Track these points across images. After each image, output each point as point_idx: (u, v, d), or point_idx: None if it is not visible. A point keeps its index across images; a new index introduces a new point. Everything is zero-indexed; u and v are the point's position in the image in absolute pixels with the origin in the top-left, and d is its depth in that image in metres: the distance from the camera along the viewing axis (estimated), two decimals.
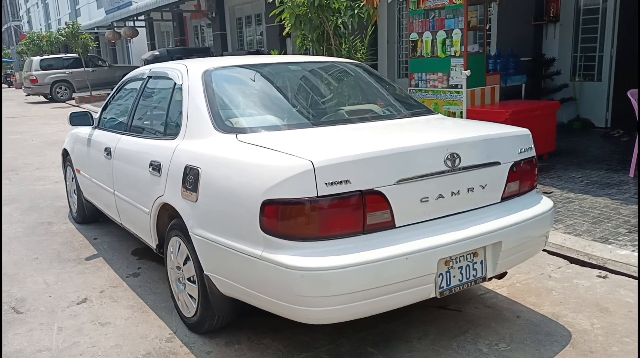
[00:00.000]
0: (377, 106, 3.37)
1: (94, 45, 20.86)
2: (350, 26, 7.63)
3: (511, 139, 2.86)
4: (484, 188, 2.69)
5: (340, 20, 7.51)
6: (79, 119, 4.49)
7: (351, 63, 3.88)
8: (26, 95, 23.57)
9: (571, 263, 4.04)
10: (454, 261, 2.57)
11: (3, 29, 68.49)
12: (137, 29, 22.40)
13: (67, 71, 21.54)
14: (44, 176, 7.78)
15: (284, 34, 8.21)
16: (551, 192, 5.55)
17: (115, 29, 23.63)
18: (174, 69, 3.48)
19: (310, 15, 7.38)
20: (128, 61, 29.38)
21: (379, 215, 2.38)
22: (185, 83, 3.23)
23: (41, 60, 21.85)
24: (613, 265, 3.88)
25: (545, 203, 3.01)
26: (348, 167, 2.31)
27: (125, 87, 4.26)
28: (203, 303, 2.90)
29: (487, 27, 7.27)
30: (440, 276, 2.53)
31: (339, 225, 2.32)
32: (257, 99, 3.24)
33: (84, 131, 4.71)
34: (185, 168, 2.86)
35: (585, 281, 3.70)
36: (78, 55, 20.55)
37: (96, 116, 4.57)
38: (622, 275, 3.76)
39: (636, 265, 3.82)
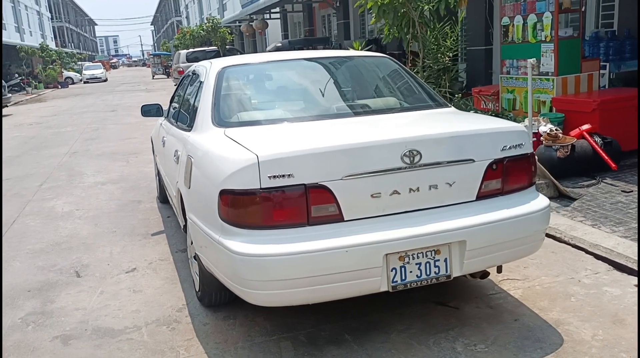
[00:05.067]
0: (378, 100, 3.40)
1: (231, 38, 22.43)
2: (437, 13, 7.46)
3: (491, 135, 2.76)
4: (451, 185, 2.65)
5: (426, 7, 7.38)
6: (149, 111, 5.03)
7: (374, 56, 3.92)
8: (174, 85, 26.09)
9: (616, 269, 3.71)
10: (410, 257, 2.58)
11: (167, 24, 75.68)
12: (268, 21, 23.58)
13: None
14: None
15: (371, 22, 8.27)
16: (631, 191, 5.04)
17: (255, 22, 25.13)
18: (203, 66, 3.83)
19: (395, 3, 7.34)
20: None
21: (324, 208, 2.49)
22: (205, 80, 3.55)
23: (187, 53, 24.01)
24: None
25: (537, 203, 2.85)
26: (291, 162, 2.44)
27: (182, 82, 4.72)
28: (201, 279, 3.23)
29: (582, 9, 6.66)
30: (393, 270, 2.57)
31: (282, 216, 2.47)
32: (258, 95, 3.47)
33: (160, 121, 5.29)
34: (187, 157, 3.19)
35: (616, 290, 3.40)
36: (217, 47, 22.27)
37: (165, 107, 5.11)
38: None
39: None
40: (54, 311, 3.54)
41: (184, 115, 3.91)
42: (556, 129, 5.61)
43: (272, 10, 23.81)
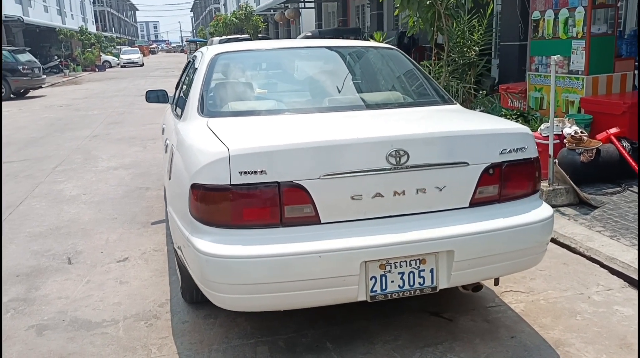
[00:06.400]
0: (376, 94, 3.18)
1: (263, 26, 22.34)
2: (464, 5, 7.16)
3: (488, 137, 2.51)
4: (441, 190, 2.42)
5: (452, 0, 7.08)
6: (154, 96, 4.88)
7: (380, 47, 3.69)
8: None
9: (631, 286, 3.43)
10: (392, 265, 2.38)
11: (206, 12, 76.19)
12: (303, 10, 23.39)
13: None
14: None
15: (395, 14, 7.99)
16: None
17: (287, 11, 24.96)
18: (200, 51, 3.68)
19: None
20: None
21: (299, 209, 2.31)
22: (199, 66, 3.40)
23: (220, 39, 24.04)
24: None
25: (539, 213, 2.60)
26: (264, 157, 2.26)
27: (185, 68, 4.57)
28: (181, 275, 3.10)
29: (618, 4, 6.25)
30: (373, 279, 2.37)
31: (253, 215, 2.30)
32: (249, 84, 3.28)
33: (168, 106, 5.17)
34: (171, 147, 3.05)
35: (628, 310, 3.12)
36: (249, 35, 22.21)
37: (171, 94, 4.97)
38: None
39: None
40: (37, 299, 3.47)
41: (179, 102, 3.77)
42: (581, 132, 5.27)
43: (307, 0, 23.61)
